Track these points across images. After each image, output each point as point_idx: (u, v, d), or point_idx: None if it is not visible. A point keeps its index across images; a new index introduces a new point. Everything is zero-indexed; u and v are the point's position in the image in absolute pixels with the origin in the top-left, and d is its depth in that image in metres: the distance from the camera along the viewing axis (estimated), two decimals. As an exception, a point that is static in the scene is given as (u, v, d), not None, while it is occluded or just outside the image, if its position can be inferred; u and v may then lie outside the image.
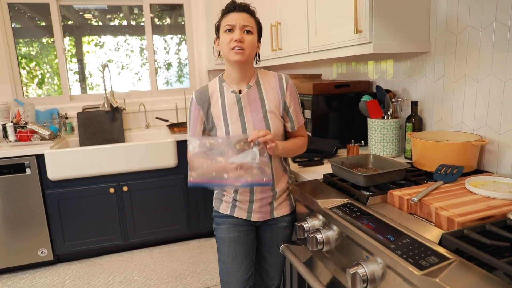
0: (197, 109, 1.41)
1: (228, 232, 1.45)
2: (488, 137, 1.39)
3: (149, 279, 2.51)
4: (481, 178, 1.19)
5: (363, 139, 2.01)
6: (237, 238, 1.45)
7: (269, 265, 1.55)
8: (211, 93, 1.41)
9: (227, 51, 1.32)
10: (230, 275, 1.45)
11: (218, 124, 1.39)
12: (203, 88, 1.43)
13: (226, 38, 1.31)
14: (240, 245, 1.45)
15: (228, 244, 1.45)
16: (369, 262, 0.95)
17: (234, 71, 1.38)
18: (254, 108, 1.38)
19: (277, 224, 1.48)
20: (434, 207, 0.99)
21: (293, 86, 1.44)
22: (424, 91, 1.69)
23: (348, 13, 1.60)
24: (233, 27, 1.31)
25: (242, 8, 1.33)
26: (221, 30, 1.35)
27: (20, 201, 2.55)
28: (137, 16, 3.46)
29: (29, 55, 3.22)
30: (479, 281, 0.72)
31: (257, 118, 1.38)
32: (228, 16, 1.32)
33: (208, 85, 1.43)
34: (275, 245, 1.51)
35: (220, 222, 1.47)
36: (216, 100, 1.40)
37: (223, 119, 1.38)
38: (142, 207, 2.83)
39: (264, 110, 1.39)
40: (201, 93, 1.41)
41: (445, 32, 1.53)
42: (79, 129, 3.07)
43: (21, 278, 2.59)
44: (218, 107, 1.39)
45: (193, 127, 1.43)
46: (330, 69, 2.50)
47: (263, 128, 1.38)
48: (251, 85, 1.40)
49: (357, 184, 1.25)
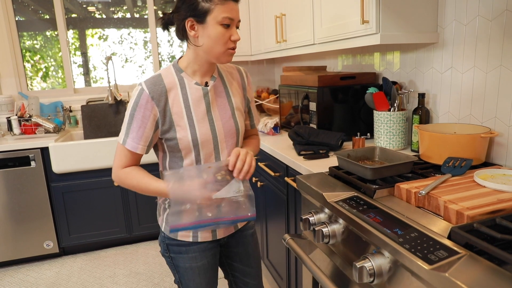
0: (150, 104, 1.09)
1: (196, 261, 1.24)
2: (497, 129, 1.36)
3: (154, 272, 2.52)
4: (490, 171, 1.16)
5: (369, 131, 1.99)
6: (206, 265, 1.27)
7: (253, 277, 1.42)
8: (168, 84, 1.13)
9: (221, 50, 1.11)
10: None
11: (178, 124, 1.13)
12: (155, 78, 1.12)
13: (222, 33, 1.08)
14: (211, 271, 1.29)
15: (199, 274, 1.25)
16: (376, 256, 0.93)
17: (205, 64, 1.17)
18: (221, 103, 1.21)
19: (244, 232, 1.37)
20: (442, 200, 0.97)
21: (251, 80, 1.30)
22: (431, 82, 1.66)
23: (354, 3, 1.57)
24: (232, 22, 1.09)
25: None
26: (212, 19, 1.07)
27: (25, 194, 2.56)
28: (140, 9, 3.44)
29: (33, 48, 3.21)
30: (489, 276, 0.70)
31: (225, 116, 1.20)
32: (227, 5, 1.07)
33: (161, 74, 1.15)
34: (251, 256, 1.40)
35: (181, 251, 1.24)
36: (176, 94, 1.14)
37: (187, 117, 1.14)
38: (146, 200, 2.83)
39: (231, 106, 1.23)
40: (154, 84, 1.11)
41: (454, 22, 1.49)
42: (83, 122, 3.07)
43: (27, 270, 2.61)
44: (179, 102, 1.14)
45: (140, 127, 1.10)
46: (336, 61, 2.47)
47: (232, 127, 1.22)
48: (215, 76, 1.21)
49: (363, 177, 1.24)
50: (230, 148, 1.23)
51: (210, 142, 1.18)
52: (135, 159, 1.16)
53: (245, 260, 1.40)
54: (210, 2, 1.06)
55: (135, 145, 1.12)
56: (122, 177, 1.15)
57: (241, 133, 1.26)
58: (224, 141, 1.20)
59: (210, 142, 1.18)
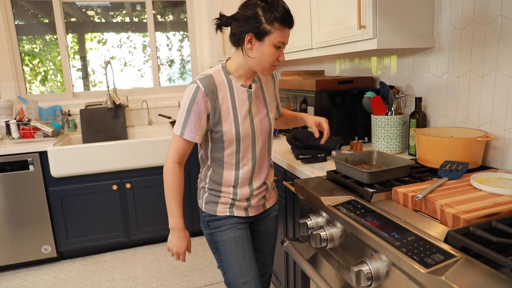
0: (204, 100, 1.24)
1: (232, 232, 1.40)
2: (493, 133, 1.37)
3: (152, 276, 2.51)
4: (486, 174, 1.17)
5: (366, 135, 2.00)
6: (241, 236, 1.41)
7: (264, 255, 1.58)
8: (218, 84, 1.29)
9: (267, 65, 1.26)
10: (245, 274, 1.38)
11: (225, 119, 1.29)
12: (209, 78, 1.27)
13: (273, 53, 1.24)
14: (246, 243, 1.42)
15: (236, 244, 1.39)
16: (373, 259, 0.94)
17: (250, 71, 1.33)
18: (259, 104, 1.38)
19: (269, 214, 1.54)
20: (439, 204, 0.98)
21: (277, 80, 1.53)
22: (428, 87, 1.68)
23: (351, 8, 1.59)
24: (283, 45, 1.25)
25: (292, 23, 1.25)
26: (270, 40, 1.21)
27: (23, 198, 2.56)
28: (139, 13, 3.45)
29: (32, 52, 3.22)
30: (486, 279, 0.71)
31: (261, 115, 1.38)
32: (284, 31, 1.22)
33: (213, 75, 1.29)
34: (269, 235, 1.56)
35: (220, 225, 1.41)
36: (225, 93, 1.29)
37: (233, 114, 1.30)
38: (145, 204, 2.83)
39: (266, 107, 1.41)
40: (208, 83, 1.26)
41: (450, 27, 1.51)
42: (82, 126, 3.07)
43: (24, 275, 2.61)
44: (227, 101, 1.29)
45: (196, 121, 1.26)
46: (333, 65, 2.48)
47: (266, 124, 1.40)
48: (256, 80, 1.39)
49: (361, 181, 1.24)
50: (263, 141, 1.40)
51: (249, 136, 1.35)
52: (189, 148, 1.33)
53: (262, 237, 1.55)
54: (272, 25, 1.20)
55: (193, 135, 1.28)
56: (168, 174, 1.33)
57: (272, 129, 1.44)
58: (260, 135, 1.38)
59: (249, 136, 1.35)
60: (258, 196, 1.45)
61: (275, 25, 1.20)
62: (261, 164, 1.42)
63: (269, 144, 1.45)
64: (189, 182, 2.90)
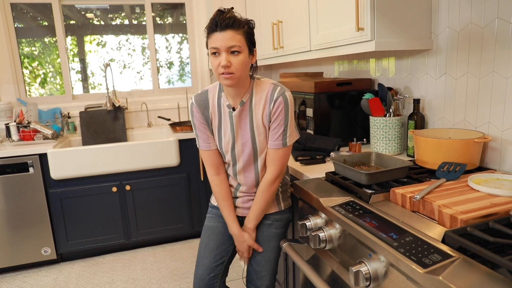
0: (199, 113, 1.38)
1: (210, 221, 1.55)
2: (490, 134, 1.38)
3: (152, 278, 2.52)
4: (484, 175, 1.18)
5: (365, 137, 2.01)
6: (214, 227, 1.53)
7: (257, 263, 1.50)
8: (211, 100, 1.38)
9: (217, 75, 1.25)
10: (199, 259, 1.51)
11: (214, 132, 1.41)
12: (203, 94, 1.39)
13: (214, 62, 1.24)
14: (215, 235, 1.51)
15: (206, 232, 1.54)
16: (372, 260, 0.95)
17: (229, 88, 1.33)
18: (244, 125, 1.37)
19: (261, 221, 1.48)
20: (436, 204, 0.99)
21: (281, 104, 1.30)
22: (426, 88, 1.69)
23: (350, 11, 1.60)
24: (218, 50, 1.21)
25: (225, 24, 1.19)
26: (210, 51, 1.25)
27: (23, 200, 2.56)
28: (138, 15, 3.46)
29: (31, 54, 3.23)
30: (483, 279, 0.72)
31: (244, 138, 1.38)
32: (212, 37, 1.22)
33: (209, 90, 1.39)
34: (261, 242, 1.48)
35: (209, 211, 1.58)
36: (214, 110, 1.38)
37: (218, 130, 1.39)
38: (144, 206, 2.83)
39: (251, 128, 1.36)
40: (201, 100, 1.38)
41: (447, 29, 1.52)
42: (82, 128, 3.08)
43: (24, 277, 2.61)
44: (216, 117, 1.38)
45: (203, 131, 1.40)
46: (332, 67, 2.49)
47: (249, 146, 1.37)
48: (244, 101, 1.34)
49: (359, 182, 1.25)
50: (245, 163, 1.41)
51: (229, 153, 1.41)
52: (214, 154, 1.43)
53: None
54: (207, 38, 1.25)
55: (207, 144, 1.41)
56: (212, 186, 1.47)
57: (259, 149, 1.39)
58: (241, 157, 1.40)
59: (229, 153, 1.41)
60: (245, 197, 1.47)
61: (208, 35, 1.25)
62: (245, 180, 1.44)
63: (256, 167, 1.42)
64: (189, 183, 2.91)
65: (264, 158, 1.41)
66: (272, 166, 1.38)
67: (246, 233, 1.45)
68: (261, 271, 1.50)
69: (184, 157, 2.85)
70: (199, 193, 2.96)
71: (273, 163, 1.37)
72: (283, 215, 1.50)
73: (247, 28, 1.26)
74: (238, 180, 1.46)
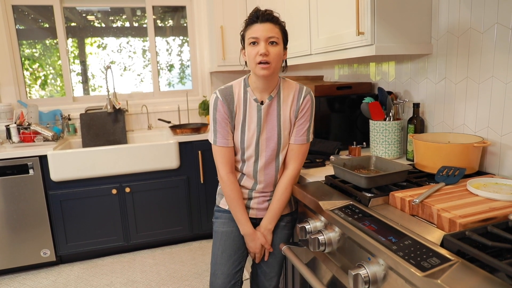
0: (224, 107, 1.37)
1: (223, 226, 1.50)
2: (490, 138, 1.39)
3: (151, 280, 2.52)
4: (483, 179, 1.19)
5: (365, 140, 2.01)
6: (229, 232, 1.49)
7: (267, 264, 1.53)
8: (236, 95, 1.39)
9: (253, 66, 1.30)
10: (217, 267, 1.47)
11: (237, 128, 1.40)
12: (228, 88, 1.39)
13: (252, 51, 1.29)
14: (231, 240, 1.48)
15: (220, 238, 1.49)
16: (371, 263, 0.95)
17: (259, 82, 1.36)
18: (270, 119, 1.40)
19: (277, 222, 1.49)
20: (435, 208, 0.99)
21: (309, 101, 1.41)
22: (426, 92, 1.69)
23: (350, 15, 1.61)
24: (257, 39, 1.28)
25: (266, 17, 1.28)
26: (246, 42, 1.32)
27: (23, 202, 2.56)
28: (139, 18, 3.47)
29: (32, 56, 3.24)
30: (481, 283, 0.72)
31: (270, 132, 1.40)
32: (252, 28, 1.29)
33: (233, 85, 1.41)
34: (275, 245, 1.50)
35: (218, 216, 1.53)
36: (240, 104, 1.38)
37: (241, 124, 1.39)
38: (144, 208, 2.84)
39: (278, 123, 1.40)
40: (226, 93, 1.38)
41: (447, 34, 1.53)
42: (82, 130, 3.08)
43: (23, 279, 2.60)
44: (240, 112, 1.39)
45: (224, 126, 1.38)
46: (332, 70, 2.50)
47: (274, 141, 1.40)
48: (272, 96, 1.39)
49: (359, 185, 1.26)
50: (268, 158, 1.42)
51: (252, 148, 1.40)
52: (229, 152, 1.42)
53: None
54: (245, 29, 1.33)
55: (225, 141, 1.40)
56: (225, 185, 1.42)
57: (282, 144, 1.42)
58: (264, 151, 1.41)
59: (252, 148, 1.40)
60: (261, 199, 1.47)
61: (246, 27, 1.32)
62: (265, 177, 1.44)
63: (277, 163, 1.44)
64: (189, 186, 2.91)
65: (285, 155, 1.45)
66: (295, 161, 1.43)
67: (258, 232, 1.45)
68: (271, 272, 1.53)
69: (184, 160, 2.86)
70: (198, 196, 2.96)
71: (297, 158, 1.43)
72: (293, 216, 1.53)
73: (283, 26, 1.36)
74: (258, 178, 1.44)
